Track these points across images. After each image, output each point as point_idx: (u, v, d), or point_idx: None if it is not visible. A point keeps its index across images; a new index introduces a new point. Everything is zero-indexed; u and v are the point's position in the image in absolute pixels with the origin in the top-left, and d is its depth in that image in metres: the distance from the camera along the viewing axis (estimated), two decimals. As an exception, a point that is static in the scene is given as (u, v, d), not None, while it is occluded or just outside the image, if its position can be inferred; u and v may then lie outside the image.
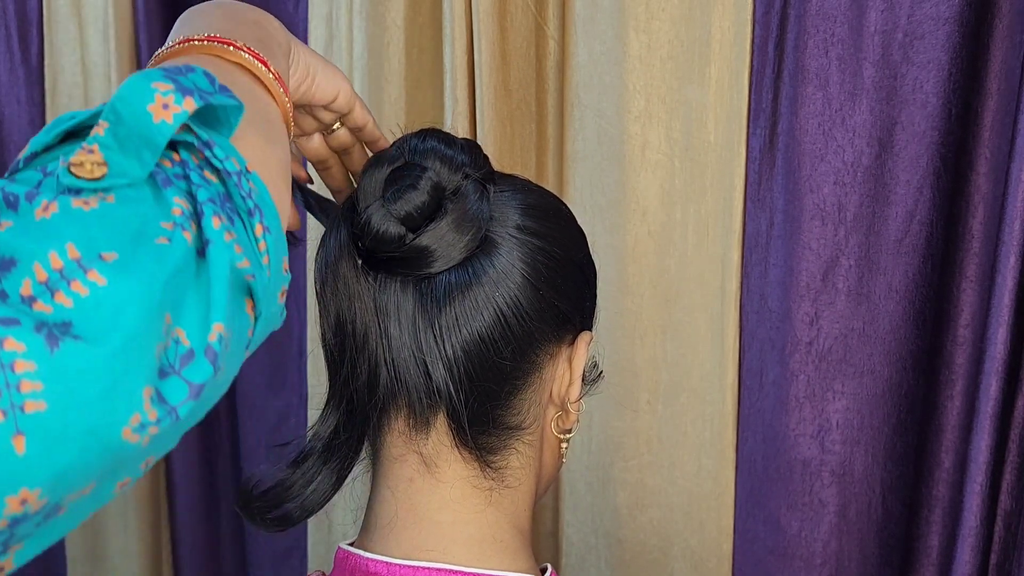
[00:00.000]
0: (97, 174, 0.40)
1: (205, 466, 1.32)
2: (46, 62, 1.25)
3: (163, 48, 0.53)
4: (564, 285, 0.62)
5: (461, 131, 1.03)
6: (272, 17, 0.59)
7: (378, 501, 0.63)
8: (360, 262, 0.60)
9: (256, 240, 0.44)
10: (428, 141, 0.62)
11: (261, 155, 0.48)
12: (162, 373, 0.39)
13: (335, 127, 0.67)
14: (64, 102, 1.27)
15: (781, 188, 0.95)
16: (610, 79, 1.00)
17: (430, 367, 0.59)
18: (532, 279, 0.60)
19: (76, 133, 0.43)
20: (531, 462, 0.64)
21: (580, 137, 1.02)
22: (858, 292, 0.94)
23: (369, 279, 0.60)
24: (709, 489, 1.03)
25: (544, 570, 0.64)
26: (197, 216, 0.42)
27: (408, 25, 1.08)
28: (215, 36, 0.52)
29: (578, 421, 0.66)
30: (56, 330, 0.36)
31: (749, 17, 0.94)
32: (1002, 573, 0.87)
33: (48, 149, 0.43)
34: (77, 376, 0.36)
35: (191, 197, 0.42)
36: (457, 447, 0.61)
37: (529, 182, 0.66)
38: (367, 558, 0.61)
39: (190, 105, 0.42)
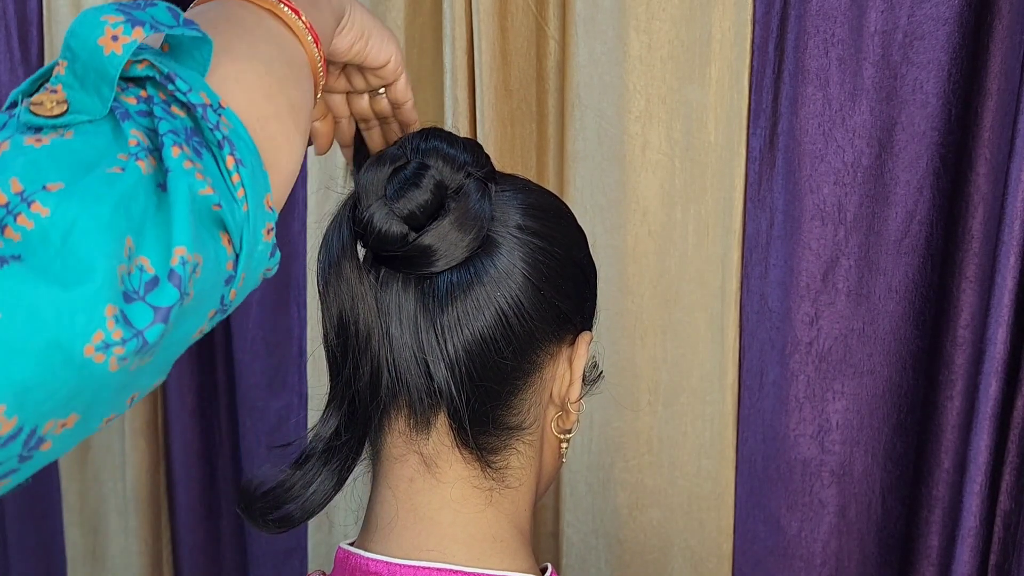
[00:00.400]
0: (56, 112, 0.41)
1: (205, 466, 1.32)
2: (46, 62, 1.25)
3: None
4: (565, 285, 0.62)
5: (462, 131, 1.03)
6: None
7: (378, 501, 0.63)
8: (362, 261, 0.60)
9: (228, 172, 0.43)
10: (430, 140, 0.62)
11: (265, 93, 0.48)
12: (127, 298, 0.39)
13: (380, 91, 0.67)
14: (64, 102, 1.26)
15: (781, 188, 0.95)
16: (610, 79, 1.00)
17: (431, 367, 0.58)
18: (533, 279, 0.60)
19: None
20: (531, 462, 0.64)
21: (580, 137, 1.02)
22: (858, 292, 0.94)
23: (371, 278, 0.59)
24: (709, 489, 1.03)
25: (544, 570, 0.64)
26: (158, 149, 0.42)
27: (408, 25, 1.08)
28: None
29: (578, 421, 0.66)
30: (9, 261, 0.37)
31: (749, 17, 0.95)
32: (1001, 573, 0.87)
33: (28, 96, 0.43)
34: (31, 291, 0.37)
35: (152, 133, 0.42)
36: (458, 447, 0.61)
37: (529, 182, 0.66)
38: (367, 558, 0.61)
39: (139, 35, 0.42)
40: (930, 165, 0.90)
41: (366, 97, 0.68)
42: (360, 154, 0.69)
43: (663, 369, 1.03)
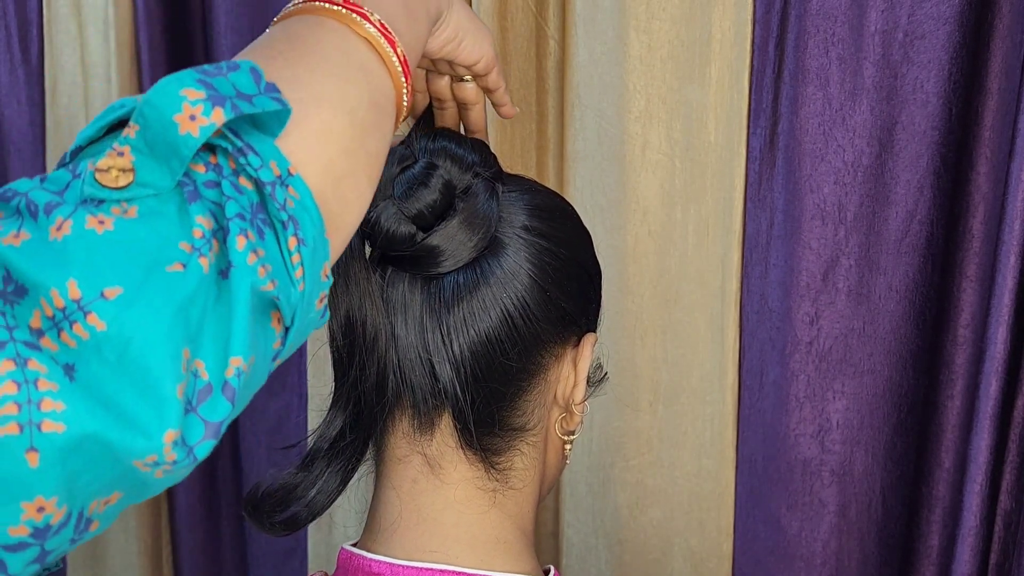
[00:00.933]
0: (122, 183, 0.39)
1: (205, 466, 1.32)
2: (46, 62, 1.25)
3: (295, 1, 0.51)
4: (570, 286, 0.62)
5: (461, 131, 1.03)
6: None
7: (382, 502, 0.63)
8: (369, 261, 0.60)
9: (289, 253, 0.42)
10: (439, 140, 0.62)
11: (345, 147, 0.45)
12: (183, 410, 0.38)
13: (466, 78, 0.66)
14: (64, 102, 1.26)
15: (781, 188, 0.95)
16: (610, 79, 1.00)
17: (436, 367, 0.58)
18: (539, 280, 0.60)
19: (123, 123, 0.41)
20: (535, 463, 0.64)
21: (580, 137, 1.02)
22: (858, 292, 0.94)
23: (378, 278, 0.59)
24: (709, 489, 1.03)
25: (547, 571, 0.64)
26: (223, 232, 0.40)
27: (408, 25, 1.08)
28: (351, 2, 0.49)
29: (582, 423, 0.66)
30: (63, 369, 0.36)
31: (749, 17, 0.95)
32: (1002, 573, 0.87)
33: (93, 142, 0.42)
34: (86, 416, 0.36)
35: (219, 210, 0.40)
36: (462, 448, 0.61)
37: (535, 182, 0.66)
38: (370, 559, 0.61)
39: (218, 118, 0.40)
40: (930, 164, 0.90)
41: (446, 78, 0.66)
42: (423, 125, 0.67)
43: (663, 369, 1.03)
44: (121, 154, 0.39)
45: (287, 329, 0.43)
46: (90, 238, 0.37)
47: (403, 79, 0.51)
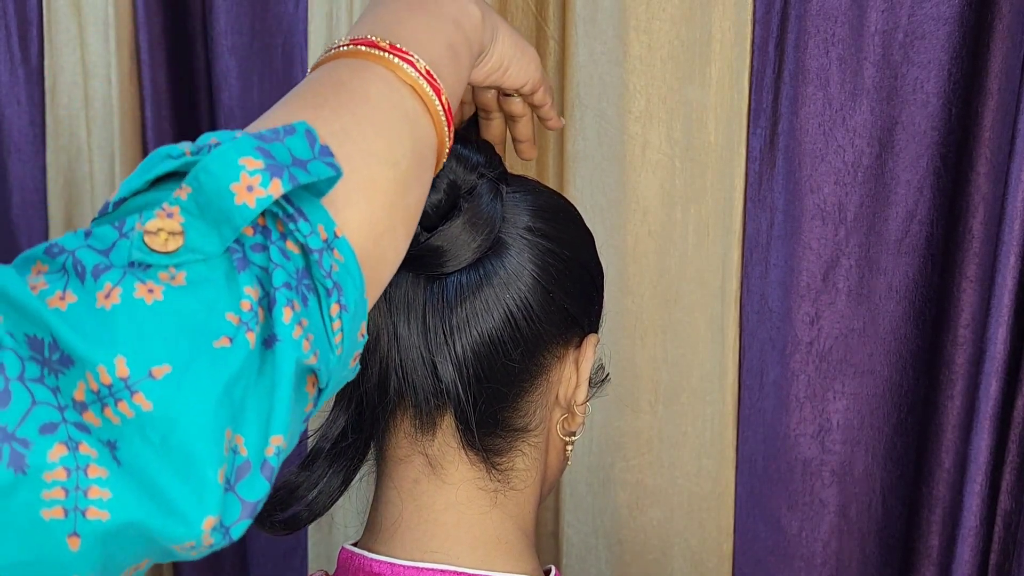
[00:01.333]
0: (171, 247, 0.38)
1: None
2: (46, 62, 1.25)
3: (343, 41, 0.50)
4: (573, 287, 0.62)
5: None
6: (472, 2, 0.54)
7: (383, 502, 0.63)
8: None
9: (331, 320, 0.41)
10: None
11: (388, 203, 0.45)
12: (223, 489, 0.37)
13: (512, 94, 0.65)
14: (64, 102, 1.26)
15: (781, 188, 0.95)
16: (610, 79, 1.00)
17: (439, 367, 0.58)
18: (542, 280, 0.60)
19: (174, 173, 0.41)
20: (536, 464, 0.64)
21: (580, 137, 1.02)
22: (858, 292, 0.94)
23: None
24: (709, 489, 1.03)
25: (548, 571, 0.64)
26: (268, 300, 0.40)
27: (408, 25, 1.08)
28: (398, 48, 0.48)
29: (584, 424, 0.66)
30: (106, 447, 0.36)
31: (749, 17, 0.95)
32: (1002, 573, 0.87)
33: (137, 193, 0.41)
34: (129, 498, 0.36)
35: (266, 276, 0.40)
36: (463, 448, 0.61)
37: (539, 183, 0.66)
38: (371, 559, 0.61)
39: (276, 190, 0.39)
40: (931, 165, 0.90)
41: (492, 91, 0.66)
42: (468, 135, 0.67)
43: (663, 369, 1.03)
44: (171, 215, 0.38)
45: (320, 390, 0.43)
46: (139, 309, 0.37)
47: (446, 128, 0.50)
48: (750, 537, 1.02)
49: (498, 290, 0.58)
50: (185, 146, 0.41)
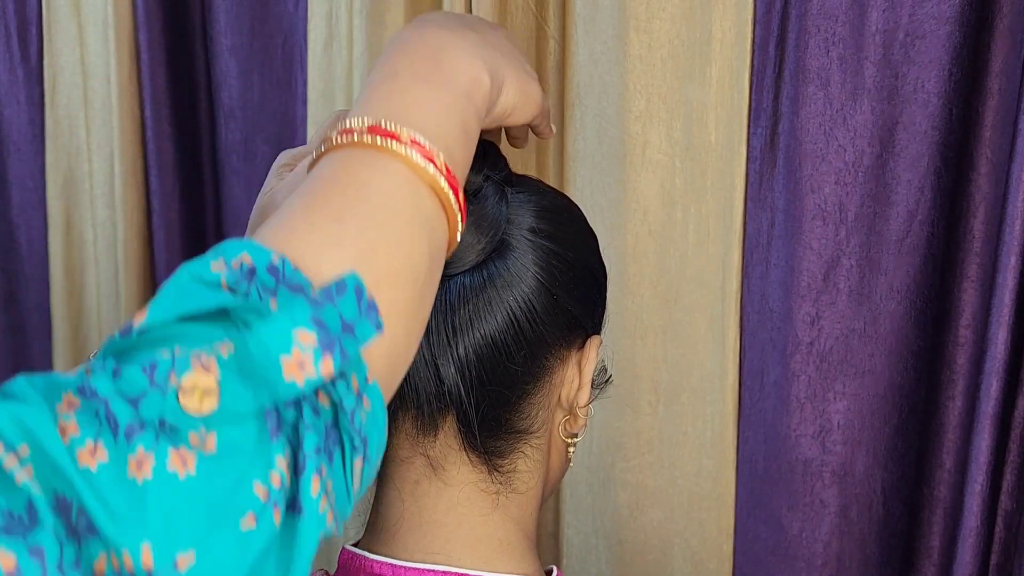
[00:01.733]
0: (205, 409, 0.37)
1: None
2: (46, 62, 1.25)
3: (359, 124, 0.47)
4: (576, 289, 0.62)
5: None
6: (483, 66, 0.53)
7: (384, 503, 0.63)
8: None
9: (352, 471, 0.40)
10: None
11: (409, 327, 0.44)
12: None
13: None
14: (64, 102, 1.26)
15: (782, 188, 0.95)
16: (611, 79, 1.00)
17: (441, 369, 0.58)
18: (546, 282, 0.59)
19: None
20: (538, 466, 0.64)
21: (581, 137, 1.02)
22: (859, 292, 0.94)
23: None
24: (710, 489, 1.03)
25: (549, 572, 0.64)
26: (296, 466, 0.39)
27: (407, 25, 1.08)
28: (418, 141, 0.46)
29: (586, 425, 0.66)
30: None
31: (750, 17, 0.94)
32: (1003, 574, 0.87)
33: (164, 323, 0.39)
34: None
35: (296, 437, 0.39)
36: (465, 450, 0.61)
37: (542, 184, 0.65)
38: (372, 559, 0.60)
39: (326, 370, 0.38)
40: (931, 165, 0.90)
41: None
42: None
43: (663, 369, 1.03)
44: (207, 368, 0.37)
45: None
46: (170, 487, 0.36)
47: (460, 224, 0.50)
48: (750, 537, 1.02)
49: (501, 291, 0.58)
50: (221, 273, 0.39)
